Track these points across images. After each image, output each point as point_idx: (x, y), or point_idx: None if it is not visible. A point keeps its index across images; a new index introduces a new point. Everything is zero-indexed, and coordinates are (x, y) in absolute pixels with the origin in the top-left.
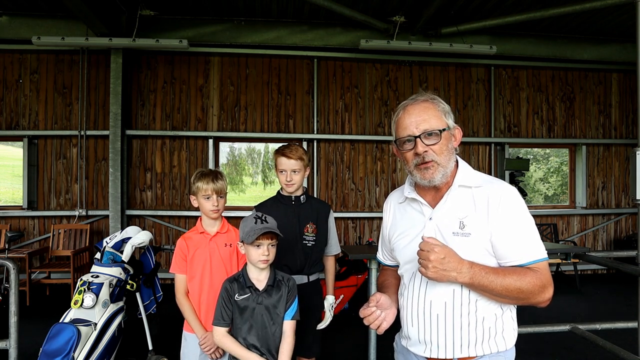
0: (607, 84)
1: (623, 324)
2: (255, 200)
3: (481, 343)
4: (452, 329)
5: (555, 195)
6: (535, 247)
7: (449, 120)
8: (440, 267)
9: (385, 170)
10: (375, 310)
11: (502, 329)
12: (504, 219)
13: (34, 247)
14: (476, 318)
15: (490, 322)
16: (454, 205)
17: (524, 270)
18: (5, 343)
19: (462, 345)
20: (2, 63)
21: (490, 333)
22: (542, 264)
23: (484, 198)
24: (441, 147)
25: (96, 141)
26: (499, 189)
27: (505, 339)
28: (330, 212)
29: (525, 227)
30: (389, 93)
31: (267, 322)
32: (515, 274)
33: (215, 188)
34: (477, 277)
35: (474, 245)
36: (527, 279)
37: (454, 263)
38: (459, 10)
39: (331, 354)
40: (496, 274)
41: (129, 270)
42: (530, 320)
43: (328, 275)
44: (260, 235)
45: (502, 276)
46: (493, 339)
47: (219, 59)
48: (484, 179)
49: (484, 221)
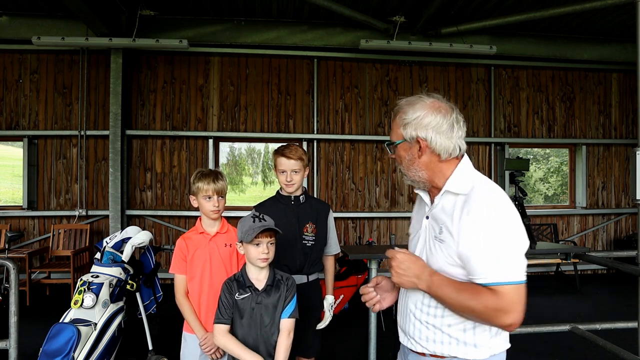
0: (607, 84)
1: (623, 324)
2: (255, 200)
3: (448, 344)
4: (420, 326)
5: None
6: (499, 267)
7: (408, 130)
8: (402, 273)
9: (385, 170)
10: (372, 291)
11: (474, 342)
12: (470, 230)
13: (34, 247)
14: (442, 322)
15: (458, 331)
16: (441, 209)
17: (480, 289)
18: (5, 343)
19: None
20: (2, 63)
21: (458, 340)
22: (507, 287)
23: (462, 206)
24: (398, 158)
25: (96, 141)
26: (477, 198)
27: (478, 353)
28: (330, 212)
29: (493, 244)
30: (389, 93)
31: (266, 321)
32: (469, 292)
33: (216, 189)
34: (434, 287)
35: (445, 252)
36: (480, 299)
37: (414, 269)
38: (459, 10)
39: (331, 353)
40: (453, 288)
41: (129, 270)
42: (530, 320)
43: (327, 275)
44: (259, 234)
45: (458, 291)
46: (462, 346)
47: (219, 59)
48: (474, 186)
49: (455, 230)
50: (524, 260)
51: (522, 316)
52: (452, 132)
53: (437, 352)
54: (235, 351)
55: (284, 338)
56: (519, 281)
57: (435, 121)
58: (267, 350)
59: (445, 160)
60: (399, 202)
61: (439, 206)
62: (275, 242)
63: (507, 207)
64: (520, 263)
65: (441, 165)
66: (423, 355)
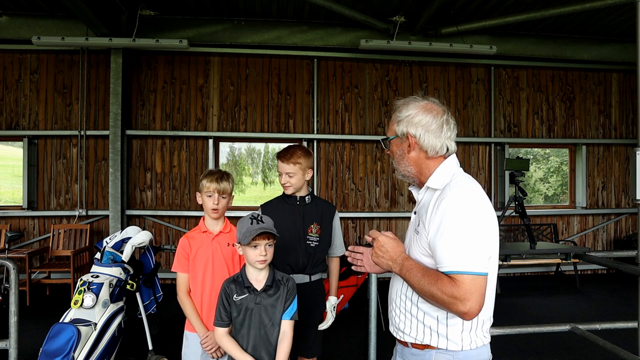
0: (607, 84)
1: (623, 324)
2: (255, 200)
3: (423, 333)
4: (400, 314)
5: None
6: (460, 257)
7: (400, 127)
8: (380, 254)
9: (385, 170)
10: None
11: (446, 332)
12: (438, 221)
13: (34, 247)
14: (417, 311)
15: (431, 321)
16: (422, 204)
17: (441, 276)
18: (5, 343)
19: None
20: (2, 63)
21: (432, 331)
22: (464, 277)
23: (436, 199)
24: (391, 152)
25: (96, 141)
26: (449, 191)
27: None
28: (336, 213)
29: (456, 234)
30: (389, 93)
31: (265, 322)
32: (431, 278)
33: (217, 188)
34: (404, 269)
35: (419, 243)
36: (438, 285)
37: (391, 252)
38: (459, 10)
39: (331, 354)
40: (419, 272)
41: (129, 270)
42: (530, 320)
43: (332, 277)
44: (257, 236)
45: (422, 276)
46: (436, 336)
47: (219, 59)
48: (451, 182)
49: (427, 221)
50: (486, 253)
51: (480, 306)
52: (441, 132)
53: (417, 341)
54: (234, 354)
55: (284, 339)
56: (478, 272)
57: (425, 120)
58: (266, 350)
59: (432, 158)
60: (399, 202)
61: (421, 202)
62: (275, 243)
63: (476, 201)
64: (481, 255)
65: (428, 162)
66: (406, 345)
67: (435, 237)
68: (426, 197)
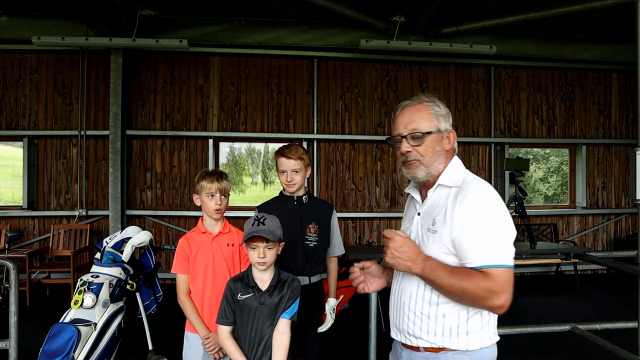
0: (607, 84)
1: (623, 324)
2: (255, 200)
3: (441, 335)
4: (414, 318)
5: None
6: (492, 251)
7: (442, 123)
8: (397, 255)
9: (385, 170)
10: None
11: (467, 331)
12: (463, 217)
13: (34, 247)
14: (437, 313)
15: (452, 321)
16: (434, 203)
17: (472, 272)
18: (5, 343)
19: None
20: (2, 63)
21: (452, 332)
22: (498, 270)
23: (455, 196)
24: (426, 148)
25: (96, 141)
26: (470, 188)
27: (471, 341)
28: (333, 213)
29: (485, 230)
30: (389, 93)
31: (267, 322)
32: (462, 274)
33: (219, 187)
34: (427, 270)
35: (438, 242)
36: (472, 281)
37: (409, 253)
38: (459, 10)
39: (331, 353)
40: (445, 271)
41: (129, 270)
42: (530, 320)
43: (330, 277)
44: (254, 238)
45: (450, 274)
46: (456, 337)
47: (219, 59)
48: (466, 179)
49: (448, 219)
50: (512, 247)
51: (511, 299)
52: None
53: (431, 345)
54: (233, 355)
55: (282, 339)
56: (509, 265)
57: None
58: (266, 351)
59: (452, 155)
60: (399, 202)
61: (430, 200)
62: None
63: (497, 198)
64: (510, 249)
65: (449, 159)
66: (417, 350)
67: (462, 234)
68: (438, 195)
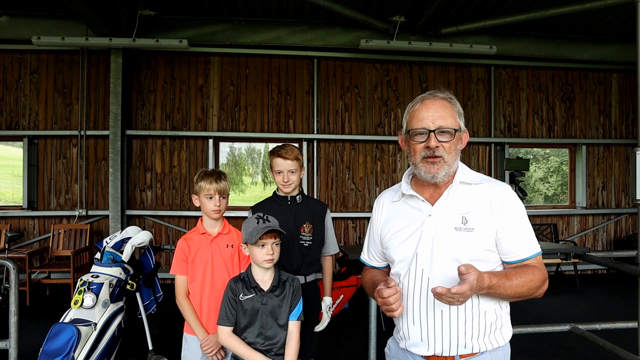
0: (607, 84)
1: (623, 324)
2: (256, 200)
3: (482, 338)
4: (456, 323)
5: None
6: (534, 242)
7: (461, 122)
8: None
9: (385, 170)
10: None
11: (502, 324)
12: (509, 216)
13: (34, 247)
14: (479, 311)
15: (491, 316)
16: (456, 201)
17: (526, 268)
18: (5, 343)
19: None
20: (2, 63)
21: (490, 328)
22: (540, 257)
23: (486, 195)
24: (451, 146)
25: (96, 141)
26: (500, 187)
27: (503, 335)
28: (327, 212)
29: (526, 224)
30: (389, 93)
31: (270, 322)
32: (521, 275)
33: (218, 188)
34: (495, 286)
35: (478, 240)
36: (532, 277)
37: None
38: (459, 10)
39: (331, 353)
40: (507, 278)
41: (129, 270)
42: (530, 320)
43: (325, 276)
44: (264, 235)
45: (511, 279)
46: (493, 334)
47: (219, 59)
48: (483, 178)
49: (489, 217)
50: None
51: None
52: None
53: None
54: (242, 352)
55: (293, 342)
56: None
57: None
58: (272, 350)
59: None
60: None
61: (449, 199)
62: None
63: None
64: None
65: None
66: None
67: (510, 231)
68: (459, 192)
